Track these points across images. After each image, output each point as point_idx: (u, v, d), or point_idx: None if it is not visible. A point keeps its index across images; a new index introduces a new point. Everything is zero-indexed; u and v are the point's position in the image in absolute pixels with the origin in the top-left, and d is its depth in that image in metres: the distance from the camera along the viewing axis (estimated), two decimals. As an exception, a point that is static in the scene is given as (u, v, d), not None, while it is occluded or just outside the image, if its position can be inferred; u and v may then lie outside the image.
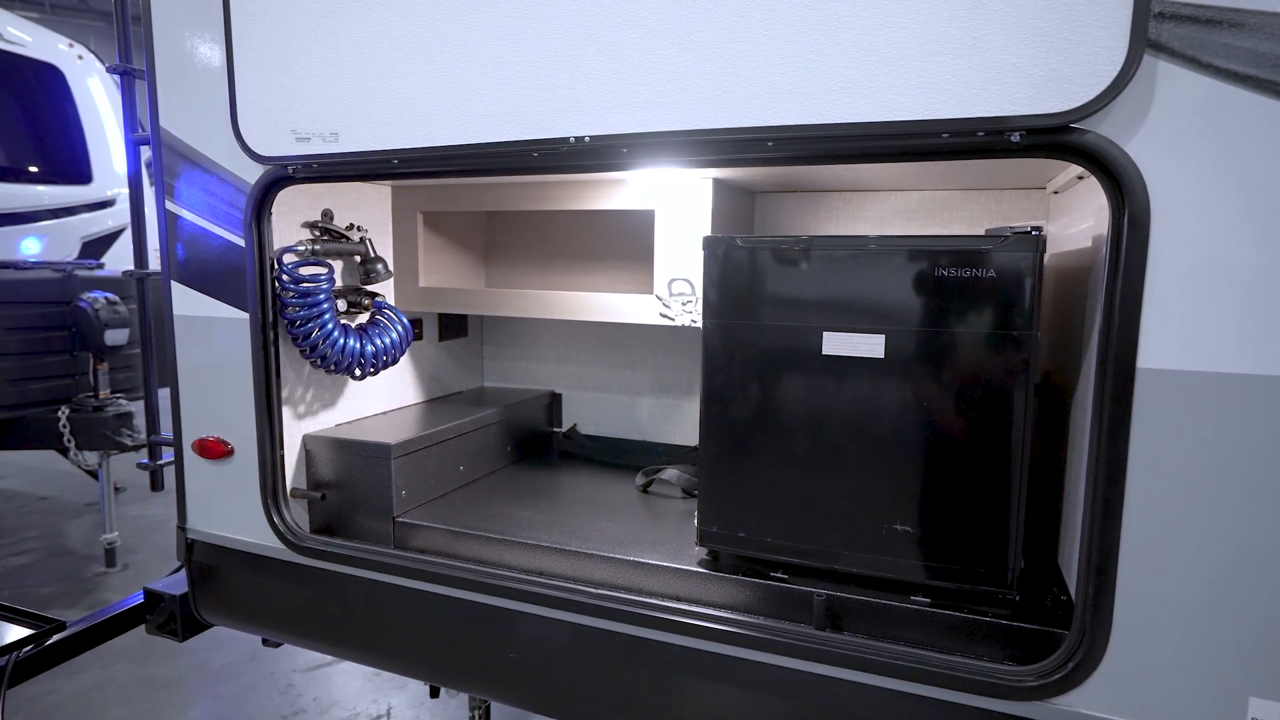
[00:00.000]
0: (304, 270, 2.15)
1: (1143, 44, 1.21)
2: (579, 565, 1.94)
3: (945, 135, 1.35)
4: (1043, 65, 1.26)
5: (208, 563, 2.29)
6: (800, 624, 1.65)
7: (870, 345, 1.63)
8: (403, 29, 1.73)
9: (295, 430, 2.26)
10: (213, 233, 2.09)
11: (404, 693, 3.60)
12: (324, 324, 2.15)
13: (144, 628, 2.48)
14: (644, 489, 2.50)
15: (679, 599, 1.79)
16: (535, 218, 2.92)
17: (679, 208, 2.17)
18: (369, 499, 2.21)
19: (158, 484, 2.94)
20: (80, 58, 6.58)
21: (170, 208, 2.14)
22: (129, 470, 6.22)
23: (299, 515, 2.23)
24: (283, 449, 2.15)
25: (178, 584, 2.40)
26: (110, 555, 4.93)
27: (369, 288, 2.48)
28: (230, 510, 2.21)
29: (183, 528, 2.31)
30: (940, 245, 1.57)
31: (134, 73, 2.63)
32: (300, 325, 2.13)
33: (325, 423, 2.38)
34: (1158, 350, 1.27)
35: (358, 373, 2.31)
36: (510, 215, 2.96)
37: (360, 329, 2.36)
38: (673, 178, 2.17)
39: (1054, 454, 1.89)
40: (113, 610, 2.52)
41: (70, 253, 6.36)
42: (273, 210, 2.04)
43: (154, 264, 2.58)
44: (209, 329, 2.14)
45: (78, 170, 6.49)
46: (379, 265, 2.45)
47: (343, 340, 2.21)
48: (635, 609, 1.73)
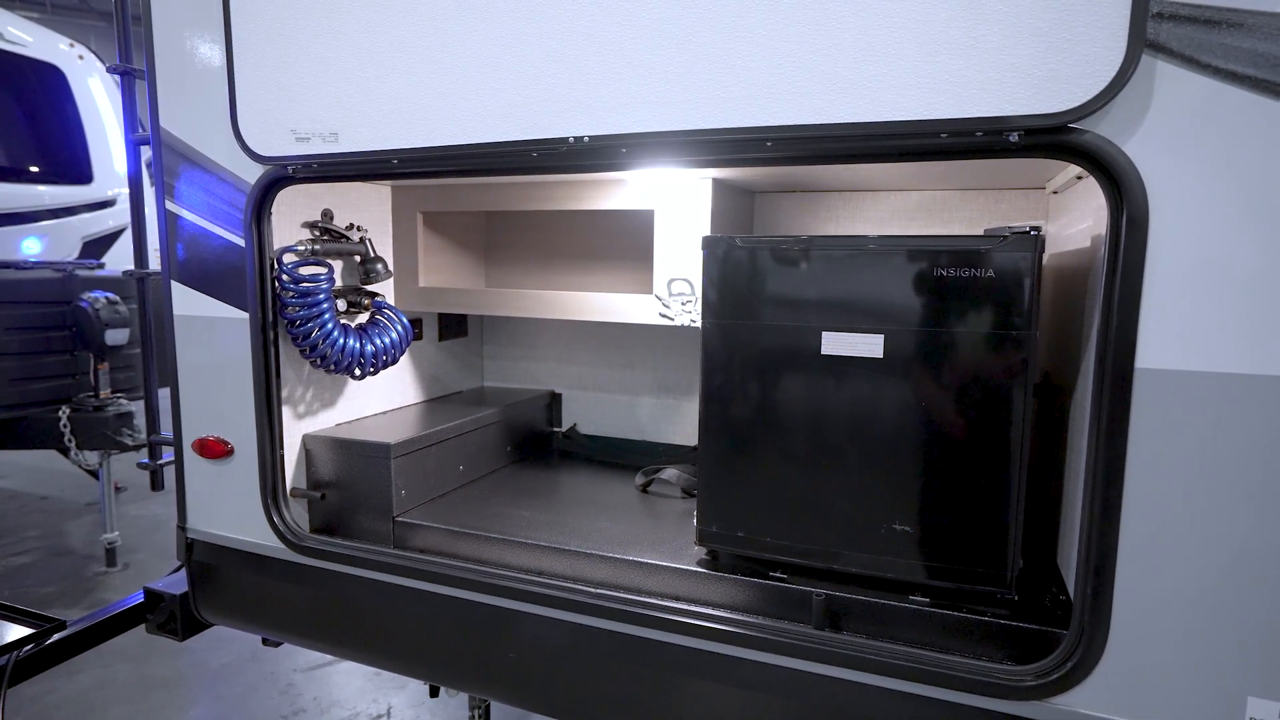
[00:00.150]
0: (304, 270, 2.16)
1: (1141, 44, 1.21)
2: (578, 565, 1.94)
3: (944, 135, 1.35)
4: (1041, 65, 1.26)
5: (208, 562, 2.29)
6: (799, 624, 1.65)
7: (869, 345, 1.63)
8: (402, 29, 1.73)
9: (295, 430, 2.26)
10: (213, 233, 2.09)
11: (404, 692, 3.60)
12: (324, 324, 2.15)
13: (144, 627, 2.48)
14: (643, 489, 2.50)
15: (678, 599, 1.79)
16: (535, 218, 2.92)
17: (678, 208, 2.18)
18: (369, 499, 2.21)
19: (158, 484, 2.94)
20: (81, 58, 6.58)
21: (170, 207, 2.14)
22: (130, 470, 6.23)
23: (299, 515, 2.23)
24: (283, 449, 2.15)
25: (178, 584, 2.41)
26: (111, 555, 4.94)
27: (369, 287, 2.48)
28: (230, 510, 2.21)
29: (183, 527, 2.32)
30: (939, 245, 1.57)
31: (134, 73, 2.63)
32: (300, 325, 2.13)
33: (325, 422, 2.38)
34: (1156, 350, 1.27)
35: (357, 372, 2.31)
36: (510, 215, 2.97)
37: (360, 329, 2.36)
38: (672, 178, 2.17)
39: (1053, 454, 1.89)
40: (113, 610, 2.52)
41: (71, 253, 6.37)
42: (272, 210, 2.04)
43: (154, 264, 2.58)
44: (209, 329, 2.14)
45: (78, 170, 6.50)
46: (379, 265, 2.45)
47: (342, 340, 2.22)
48: (635, 609, 1.73)
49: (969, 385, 1.57)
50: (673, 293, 2.20)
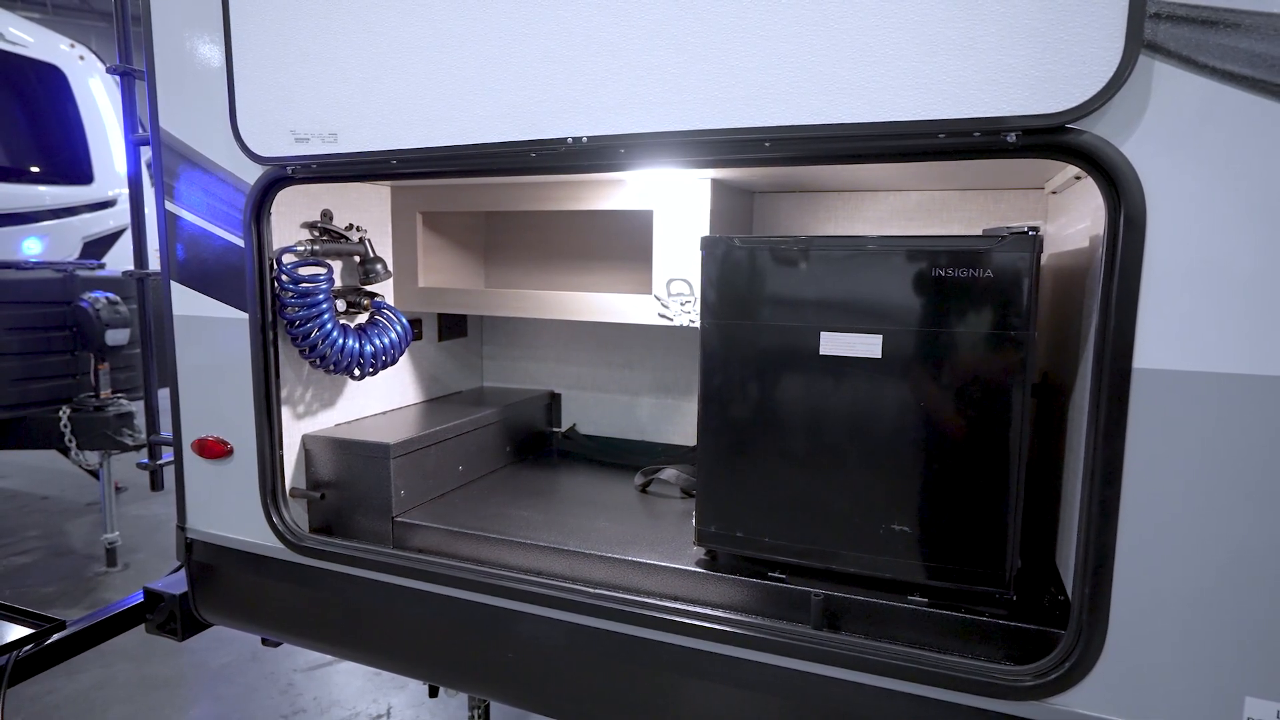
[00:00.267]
0: (303, 270, 2.16)
1: (1138, 45, 1.21)
2: (577, 565, 1.94)
3: (942, 135, 1.35)
4: (1039, 66, 1.26)
5: (207, 562, 2.30)
6: (798, 624, 1.65)
7: (867, 345, 1.63)
8: (401, 30, 1.74)
9: (294, 430, 2.27)
10: (212, 233, 2.09)
11: (404, 692, 3.60)
12: (323, 324, 2.16)
13: (144, 627, 2.48)
14: (643, 489, 2.50)
15: (677, 599, 1.79)
16: (534, 218, 2.92)
17: (677, 208, 2.18)
18: (368, 499, 2.21)
19: (158, 484, 2.95)
20: (82, 58, 6.59)
21: (170, 208, 2.14)
22: (130, 470, 6.24)
23: (298, 515, 2.23)
24: (282, 449, 2.15)
25: (177, 584, 2.41)
26: (111, 555, 4.94)
27: (368, 288, 2.48)
28: (229, 510, 2.21)
29: (182, 527, 2.32)
30: (937, 245, 1.57)
31: (134, 73, 2.64)
32: (299, 325, 2.13)
33: (324, 423, 2.38)
34: (1153, 350, 1.27)
35: (357, 373, 2.31)
36: (509, 215, 2.97)
37: (359, 329, 2.36)
38: (671, 178, 2.18)
39: (1052, 454, 1.89)
40: (112, 610, 2.52)
41: (71, 253, 6.38)
42: (272, 210, 2.04)
43: (154, 264, 2.59)
44: (208, 329, 2.15)
45: (79, 170, 6.51)
46: (378, 265, 2.45)
47: (342, 340, 2.22)
48: (633, 609, 1.73)
49: (967, 385, 1.57)
50: (671, 293, 2.20)
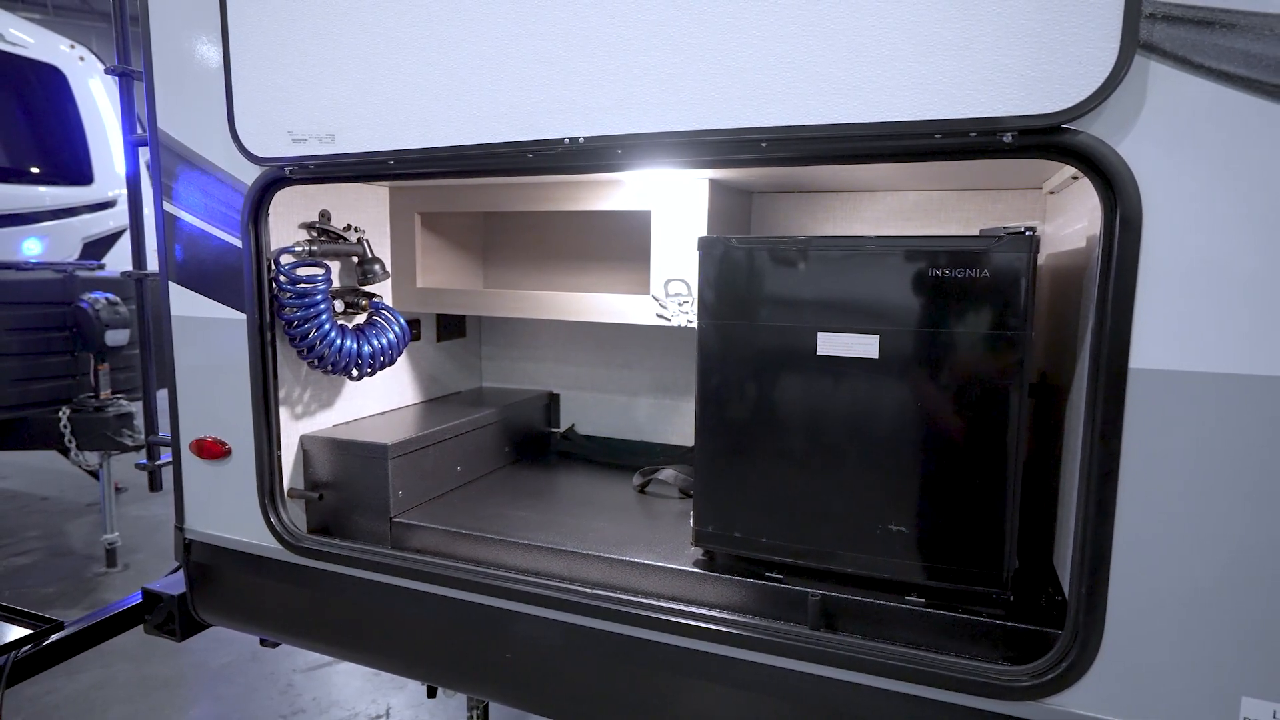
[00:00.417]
0: (301, 271, 2.16)
1: (1134, 45, 1.21)
2: (575, 565, 1.94)
3: (938, 136, 1.35)
4: (1034, 66, 1.26)
5: (205, 563, 2.30)
6: (795, 624, 1.65)
7: (864, 345, 1.63)
8: (398, 30, 1.74)
9: (293, 431, 2.27)
10: (210, 234, 2.09)
11: (403, 693, 3.60)
12: (321, 325, 2.16)
13: (142, 628, 2.48)
14: (641, 489, 2.50)
15: (675, 599, 1.79)
16: (533, 218, 2.92)
17: (675, 208, 2.18)
18: (366, 499, 2.21)
19: (156, 484, 2.96)
20: (82, 59, 6.59)
21: (168, 209, 2.15)
22: (130, 470, 6.24)
23: (296, 515, 2.23)
24: (280, 449, 2.15)
25: (176, 584, 2.41)
26: (111, 555, 4.94)
27: (366, 288, 2.48)
28: (228, 510, 2.21)
29: (180, 528, 2.32)
30: (934, 245, 1.57)
31: (132, 74, 2.64)
32: (297, 326, 2.13)
33: (323, 423, 2.38)
34: (1149, 350, 1.27)
35: (355, 373, 2.31)
36: (508, 216, 2.97)
37: (357, 329, 2.36)
38: (669, 178, 2.18)
39: (1050, 454, 1.89)
40: (111, 610, 2.52)
41: (71, 253, 6.38)
42: (270, 211, 2.04)
43: (153, 265, 2.59)
44: (206, 330, 2.15)
45: (79, 171, 6.51)
46: (376, 266, 2.45)
47: (340, 341, 2.22)
48: (631, 609, 1.73)
49: (964, 385, 1.57)
50: (669, 293, 2.20)
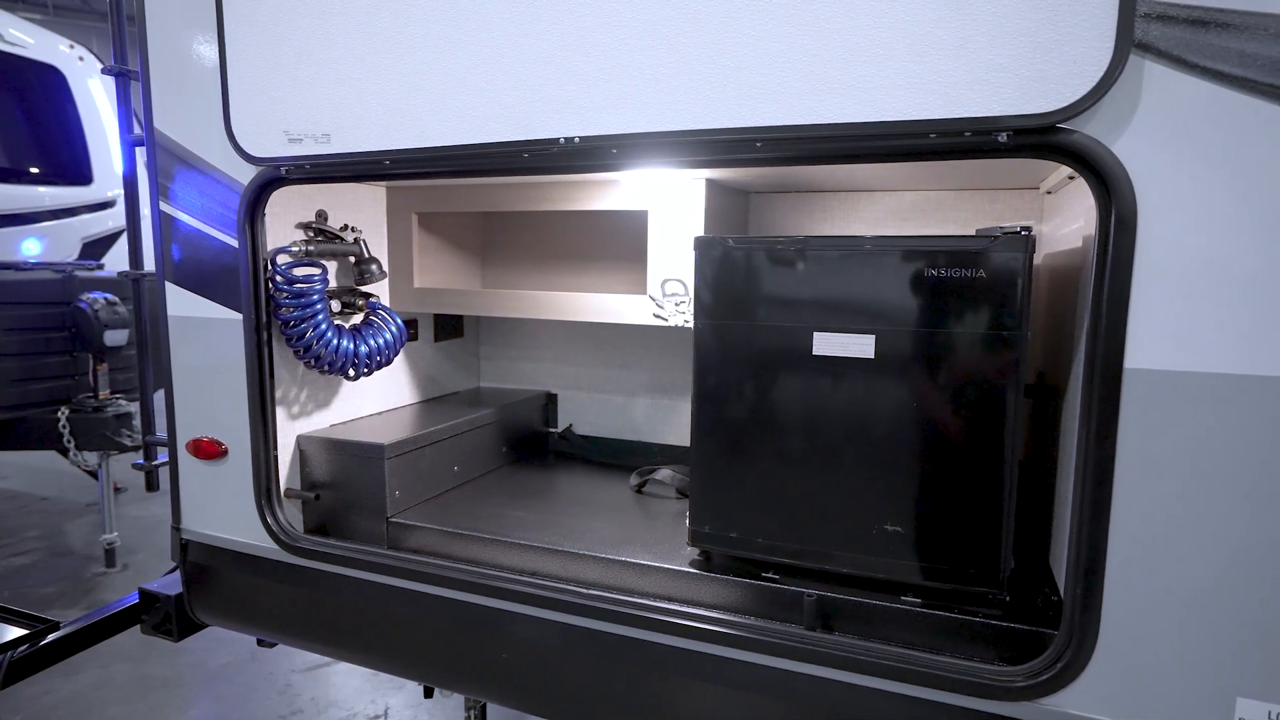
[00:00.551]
0: (298, 271, 2.16)
1: (1129, 44, 1.21)
2: (572, 565, 1.94)
3: (933, 135, 1.35)
4: (1029, 66, 1.26)
5: (202, 563, 2.30)
6: (791, 624, 1.65)
7: (860, 345, 1.63)
8: (394, 30, 1.73)
9: (289, 431, 2.27)
10: (207, 234, 2.09)
11: (401, 693, 3.60)
12: (318, 324, 2.16)
13: (139, 628, 2.48)
14: (638, 489, 2.50)
15: (671, 599, 1.79)
16: (530, 218, 2.92)
17: (672, 208, 2.17)
18: (363, 499, 2.21)
19: (153, 484, 2.95)
20: (81, 59, 6.59)
21: (165, 209, 2.14)
22: (129, 471, 6.23)
23: (293, 515, 2.23)
24: (276, 449, 2.15)
25: (173, 584, 2.41)
26: (110, 555, 4.95)
27: (363, 288, 2.48)
28: (224, 511, 2.21)
29: (177, 528, 2.32)
30: (930, 245, 1.56)
31: (129, 74, 2.64)
32: (294, 326, 2.13)
33: (319, 423, 2.38)
34: (1145, 350, 1.27)
35: (351, 373, 2.31)
36: (505, 216, 2.97)
37: (354, 329, 2.36)
38: (666, 178, 2.17)
39: (1047, 454, 1.89)
40: (108, 610, 2.52)
41: (70, 254, 6.37)
42: (266, 211, 2.04)
43: (150, 265, 2.59)
44: (203, 330, 2.15)
45: (78, 171, 6.50)
46: (373, 266, 2.45)
47: (336, 341, 2.22)
48: (627, 609, 1.73)
49: (960, 385, 1.57)
50: (666, 293, 2.19)
